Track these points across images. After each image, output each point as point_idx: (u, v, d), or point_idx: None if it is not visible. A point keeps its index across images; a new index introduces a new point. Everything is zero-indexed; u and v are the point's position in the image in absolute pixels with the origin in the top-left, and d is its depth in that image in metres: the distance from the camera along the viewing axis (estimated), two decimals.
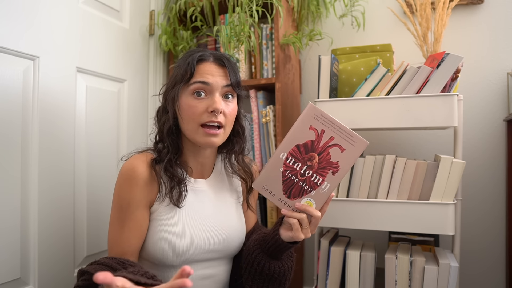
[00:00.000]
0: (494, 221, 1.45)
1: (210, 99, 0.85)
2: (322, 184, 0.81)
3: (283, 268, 0.90)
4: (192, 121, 0.86)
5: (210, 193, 0.94)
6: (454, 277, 1.06)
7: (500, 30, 1.45)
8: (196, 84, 0.85)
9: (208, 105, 0.85)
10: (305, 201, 0.83)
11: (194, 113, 0.85)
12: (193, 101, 0.85)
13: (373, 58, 1.26)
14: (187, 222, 0.87)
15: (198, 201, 0.91)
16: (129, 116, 1.42)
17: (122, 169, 0.86)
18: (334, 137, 0.80)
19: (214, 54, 0.90)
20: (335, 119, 0.80)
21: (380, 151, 1.57)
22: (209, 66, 0.87)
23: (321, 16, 1.67)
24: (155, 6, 1.59)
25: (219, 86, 0.86)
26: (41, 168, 1.06)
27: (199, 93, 0.85)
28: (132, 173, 0.84)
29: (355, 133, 0.80)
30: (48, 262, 1.07)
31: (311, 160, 0.82)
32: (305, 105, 1.73)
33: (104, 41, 1.31)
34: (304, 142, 0.82)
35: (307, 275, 1.67)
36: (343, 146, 0.80)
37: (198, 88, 0.85)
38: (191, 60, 0.87)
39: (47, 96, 1.08)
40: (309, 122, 0.82)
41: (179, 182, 0.87)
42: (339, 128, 0.80)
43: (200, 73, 0.86)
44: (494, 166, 1.46)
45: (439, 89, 1.08)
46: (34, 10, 1.05)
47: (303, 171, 0.82)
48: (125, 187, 0.85)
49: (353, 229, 1.23)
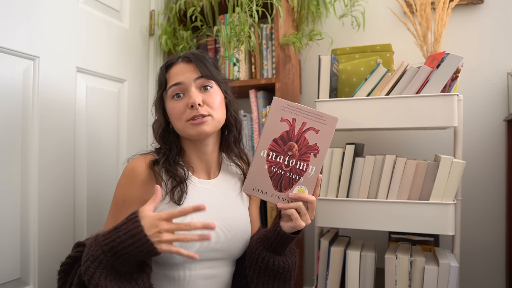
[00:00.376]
0: (494, 221, 1.45)
1: (187, 96, 0.89)
2: (308, 169, 0.85)
3: (287, 263, 0.91)
4: (178, 120, 0.90)
5: (217, 192, 0.95)
6: (454, 277, 1.06)
7: (500, 30, 1.45)
8: (171, 88, 0.90)
9: (187, 102, 0.88)
10: (297, 190, 0.85)
11: (177, 113, 0.89)
12: (174, 103, 0.90)
13: (373, 58, 1.26)
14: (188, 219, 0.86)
15: (203, 200, 0.90)
16: (129, 116, 1.42)
17: (125, 168, 0.90)
18: (306, 122, 0.84)
19: (182, 55, 0.94)
20: (301, 105, 0.85)
21: (380, 151, 1.57)
22: (178, 68, 0.92)
23: (321, 16, 1.67)
24: (155, 6, 1.59)
25: (190, 81, 0.89)
26: (41, 168, 1.06)
27: (178, 94, 0.90)
28: (132, 172, 0.88)
29: (324, 113, 0.84)
30: (48, 262, 1.07)
31: (291, 149, 0.85)
32: (305, 105, 1.73)
33: (104, 41, 1.31)
34: (280, 134, 0.85)
35: (307, 275, 1.67)
36: (316, 128, 0.84)
37: (174, 91, 0.90)
38: (161, 70, 0.94)
39: (47, 96, 1.08)
40: (279, 114, 0.85)
41: (181, 181, 0.88)
42: (308, 112, 0.84)
43: (171, 77, 0.91)
44: (494, 166, 1.46)
45: (439, 89, 1.08)
46: (34, 10, 1.05)
47: (287, 162, 0.85)
48: (122, 185, 0.89)
49: (353, 229, 1.23)
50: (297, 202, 0.84)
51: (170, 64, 0.93)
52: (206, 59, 0.92)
